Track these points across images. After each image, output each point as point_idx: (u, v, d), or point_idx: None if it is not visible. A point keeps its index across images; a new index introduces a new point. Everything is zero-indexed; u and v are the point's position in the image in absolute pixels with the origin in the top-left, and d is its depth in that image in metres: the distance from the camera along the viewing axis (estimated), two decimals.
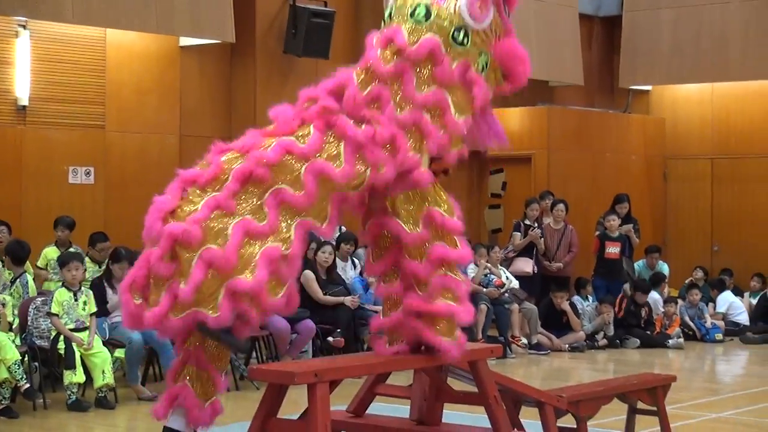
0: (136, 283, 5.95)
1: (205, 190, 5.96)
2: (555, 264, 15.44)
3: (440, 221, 6.46)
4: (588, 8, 19.13)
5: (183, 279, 5.81)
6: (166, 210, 5.93)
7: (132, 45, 13.83)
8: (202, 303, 5.82)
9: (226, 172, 5.96)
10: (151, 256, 5.88)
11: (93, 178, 13.56)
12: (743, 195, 18.52)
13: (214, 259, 5.79)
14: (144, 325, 5.96)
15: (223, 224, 5.87)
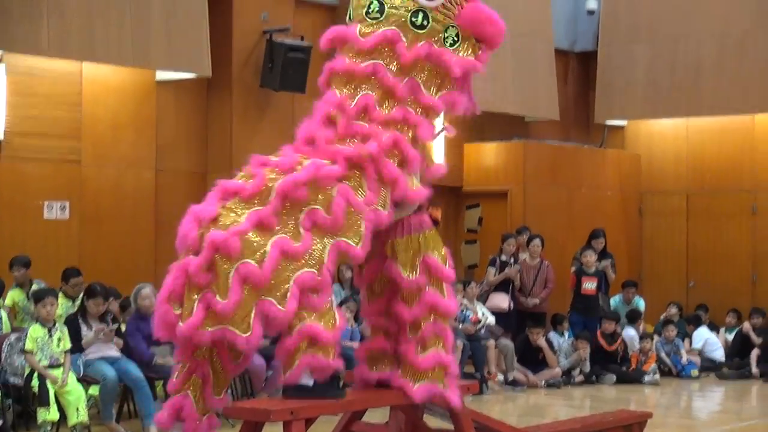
0: (174, 293, 5.94)
1: (249, 202, 5.99)
2: (531, 300, 15.42)
3: (435, 268, 6.52)
4: (563, 43, 19.21)
5: (219, 292, 5.82)
6: (204, 218, 5.95)
7: (108, 79, 13.79)
8: (234, 321, 5.82)
9: (269, 188, 6.00)
10: (189, 264, 5.87)
11: (68, 213, 13.49)
12: (718, 230, 18.57)
13: (250, 275, 5.82)
14: (176, 335, 5.92)
15: (262, 240, 5.90)
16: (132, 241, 13.92)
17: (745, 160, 18.47)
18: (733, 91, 17.90)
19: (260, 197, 6.04)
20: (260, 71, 14.62)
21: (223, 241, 5.85)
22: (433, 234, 6.67)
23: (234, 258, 5.84)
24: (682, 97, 18.42)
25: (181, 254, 6.01)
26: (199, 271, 5.85)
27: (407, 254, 6.54)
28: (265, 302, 5.87)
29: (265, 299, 5.87)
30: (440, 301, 6.55)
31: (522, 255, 15.59)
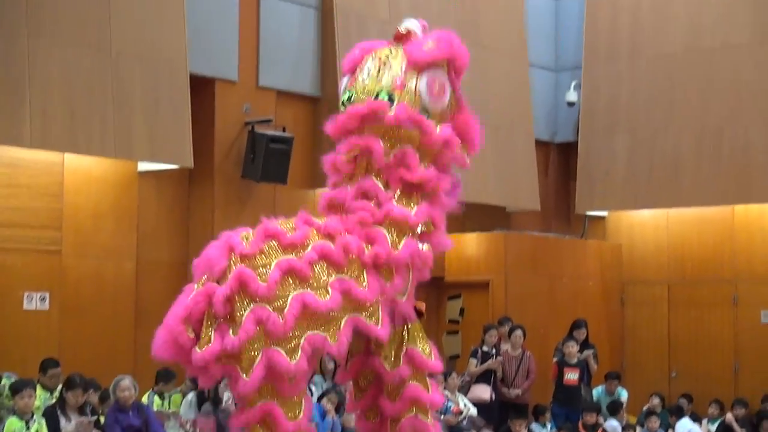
0: (191, 317, 5.91)
1: (285, 251, 5.99)
2: (513, 391, 15.33)
3: (419, 361, 6.50)
4: (544, 134, 19.33)
5: (233, 326, 5.78)
6: (237, 251, 5.94)
7: (90, 169, 13.79)
8: (241, 361, 5.79)
9: (306, 245, 6.02)
10: (213, 292, 5.84)
11: (48, 304, 13.41)
12: (700, 320, 18.57)
13: (266, 320, 5.80)
14: (191, 361, 5.85)
15: (286, 289, 5.89)
16: (112, 331, 13.82)
17: (726, 250, 18.52)
18: (712, 182, 18.00)
19: (297, 249, 6.07)
20: (242, 162, 14.65)
21: (251, 280, 5.86)
22: (417, 327, 6.67)
23: (254, 299, 5.85)
24: (662, 188, 18.50)
25: (200, 278, 5.99)
26: (223, 301, 5.84)
27: (391, 347, 6.52)
28: (274, 352, 5.85)
29: (274, 348, 5.86)
30: (422, 395, 6.52)
31: (504, 346, 15.52)
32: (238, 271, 5.93)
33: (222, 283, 5.95)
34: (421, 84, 6.62)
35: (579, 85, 19.25)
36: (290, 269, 6.02)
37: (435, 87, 6.64)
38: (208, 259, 6.05)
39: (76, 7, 12.79)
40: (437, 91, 6.66)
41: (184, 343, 5.90)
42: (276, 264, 6.00)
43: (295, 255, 6.09)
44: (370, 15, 15.98)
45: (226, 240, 6.10)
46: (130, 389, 11.27)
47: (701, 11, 18.26)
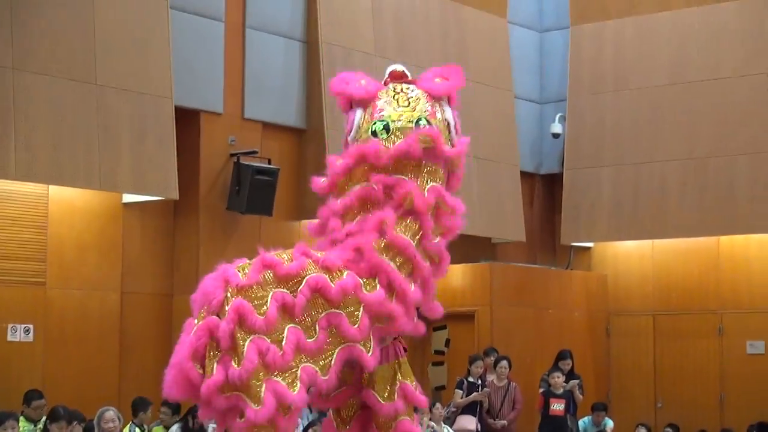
0: (198, 353, 5.92)
1: (281, 282, 6.03)
2: (499, 421, 15.31)
3: (411, 395, 6.56)
4: (529, 166, 19.38)
5: (235, 357, 5.80)
6: (233, 283, 5.96)
7: (74, 201, 13.79)
8: (246, 390, 5.80)
9: (302, 277, 6.06)
10: (214, 325, 5.86)
11: (32, 336, 13.38)
12: (685, 351, 18.58)
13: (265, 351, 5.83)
14: (199, 395, 5.86)
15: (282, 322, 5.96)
16: (96, 363, 13.79)
17: (711, 281, 18.55)
18: (697, 213, 18.05)
19: (291, 281, 6.11)
20: (227, 194, 14.65)
21: (248, 313, 5.89)
22: (405, 361, 6.76)
23: (252, 332, 5.88)
24: (647, 219, 18.55)
25: (200, 312, 6.01)
26: (225, 336, 5.86)
27: (385, 382, 6.59)
28: (275, 382, 5.89)
29: (275, 379, 5.89)
30: (413, 430, 6.59)
31: (489, 376, 15.50)
32: (236, 304, 5.97)
33: (221, 316, 5.98)
34: (447, 113, 6.92)
35: (564, 117, 19.33)
36: (284, 304, 6.07)
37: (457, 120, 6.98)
38: (205, 292, 6.07)
39: (61, 39, 12.83)
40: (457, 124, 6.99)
41: (194, 379, 5.92)
42: (272, 297, 6.05)
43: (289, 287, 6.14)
44: (356, 47, 16.05)
45: (222, 272, 6.13)
46: (115, 421, 11.24)
47: (686, 43, 18.37)
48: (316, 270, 6.25)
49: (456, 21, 17.72)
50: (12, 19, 12.39)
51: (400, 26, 16.78)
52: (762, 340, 18.05)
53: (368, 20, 16.34)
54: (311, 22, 15.77)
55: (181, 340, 6.07)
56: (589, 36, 19.25)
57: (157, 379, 14.34)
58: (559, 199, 19.40)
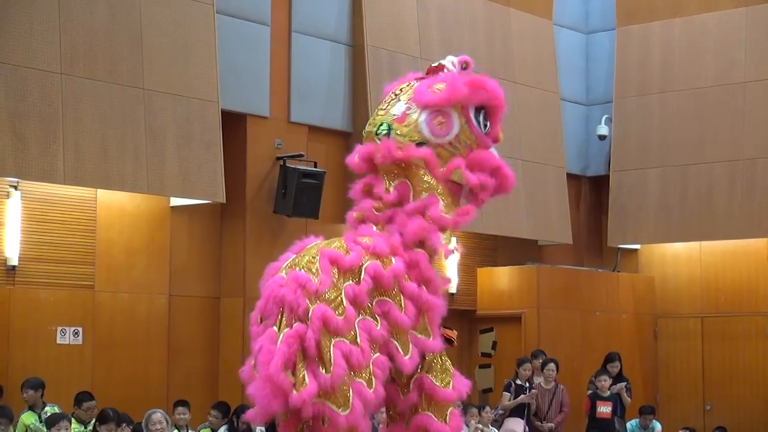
0: (290, 362, 5.91)
1: (345, 276, 6.06)
2: (547, 424, 15.27)
3: (429, 390, 6.49)
4: (575, 168, 19.32)
5: (322, 364, 5.82)
6: (311, 289, 5.98)
7: (122, 205, 13.88)
8: (334, 399, 5.82)
9: (361, 267, 6.11)
10: (303, 333, 5.87)
11: (81, 339, 13.48)
12: (734, 353, 18.47)
13: (348, 354, 5.85)
14: (288, 405, 5.86)
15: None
16: (144, 367, 13.88)
17: (759, 282, 18.43)
18: (745, 214, 17.94)
19: (353, 273, 6.14)
20: (274, 197, 14.70)
21: (331, 318, 5.92)
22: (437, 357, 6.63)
23: (335, 335, 5.90)
24: (695, 221, 18.45)
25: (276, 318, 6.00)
26: (312, 344, 5.87)
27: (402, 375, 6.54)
28: (358, 384, 5.91)
29: (358, 381, 5.91)
30: (432, 424, 6.52)
31: (537, 379, 15.47)
32: (320, 311, 5.97)
33: (306, 323, 5.98)
34: (422, 117, 6.73)
35: (610, 118, 19.25)
36: (354, 298, 6.10)
37: (434, 122, 6.77)
38: (281, 298, 6.04)
39: (108, 43, 12.91)
40: (437, 125, 6.78)
41: (287, 389, 5.90)
42: (345, 295, 6.07)
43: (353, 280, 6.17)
44: (401, 51, 16.06)
45: (294, 278, 6.10)
46: (162, 422, 11.29)
47: (732, 45, 18.25)
48: (370, 258, 6.27)
49: (501, 23, 17.70)
50: (60, 25, 12.49)
51: (445, 29, 16.77)
52: None
53: (413, 23, 16.35)
54: (357, 26, 15.80)
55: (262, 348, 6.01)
56: (635, 37, 19.17)
57: (204, 381, 14.57)
58: (605, 201, 19.33)
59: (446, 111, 6.78)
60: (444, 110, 6.78)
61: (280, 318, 6.05)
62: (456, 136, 6.81)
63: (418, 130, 6.75)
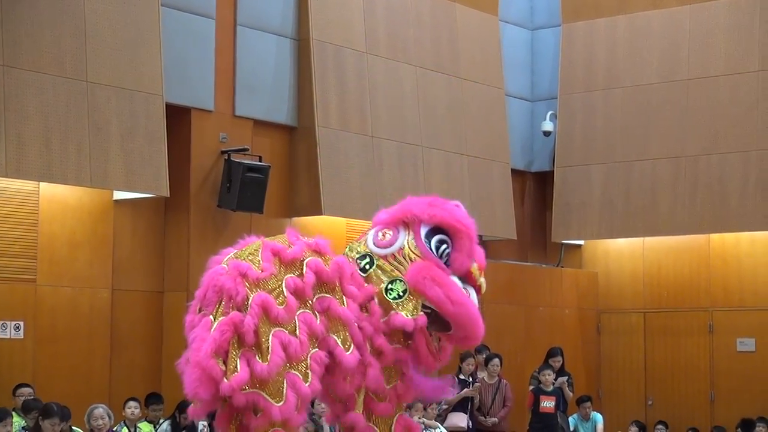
0: (221, 349, 5.89)
1: (287, 268, 6.06)
2: (490, 419, 15.32)
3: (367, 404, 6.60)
4: (520, 164, 19.40)
5: (259, 353, 5.80)
6: (251, 277, 5.95)
7: (65, 198, 13.77)
8: (269, 389, 5.80)
9: (302, 261, 6.11)
10: (238, 321, 5.84)
11: (23, 333, 13.36)
12: (676, 348, 18.63)
13: (287, 344, 5.83)
14: (219, 392, 5.82)
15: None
16: (87, 361, 13.78)
17: (701, 278, 18.60)
18: (688, 211, 18.09)
19: (295, 266, 6.14)
20: (218, 191, 14.65)
21: (271, 306, 5.89)
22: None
23: (274, 324, 5.89)
24: (638, 218, 18.58)
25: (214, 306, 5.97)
26: (250, 331, 5.85)
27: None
28: (294, 376, 5.90)
29: (292, 372, 5.90)
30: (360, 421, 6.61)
31: (480, 374, 15.52)
32: (260, 299, 5.96)
33: (243, 311, 5.95)
34: (370, 233, 7.00)
35: (555, 114, 19.35)
36: (295, 290, 6.09)
37: (379, 235, 6.91)
38: (221, 287, 6.03)
39: (52, 36, 12.81)
40: (380, 239, 6.88)
41: (217, 376, 5.88)
42: (285, 286, 6.06)
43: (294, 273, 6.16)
44: (347, 45, 16.06)
45: (235, 266, 6.09)
46: (105, 418, 11.26)
47: (677, 41, 18.39)
48: (312, 254, 6.28)
49: (447, 19, 17.73)
50: (2, 16, 12.37)
51: (391, 24, 16.78)
52: (752, 338, 18.10)
53: (360, 18, 16.34)
54: (303, 20, 15.77)
55: (196, 336, 6.00)
56: (580, 34, 19.27)
57: (147, 376, 14.46)
58: (550, 197, 19.43)
59: (394, 227, 6.88)
60: (391, 226, 6.92)
61: (218, 306, 6.04)
62: (399, 250, 6.78)
63: (365, 243, 6.95)
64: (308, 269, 6.21)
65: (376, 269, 6.73)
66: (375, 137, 16.24)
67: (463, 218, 6.94)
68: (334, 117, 15.79)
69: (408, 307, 6.68)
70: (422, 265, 6.73)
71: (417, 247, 6.84)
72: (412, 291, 6.66)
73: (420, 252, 6.83)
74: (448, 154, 17.30)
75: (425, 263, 6.77)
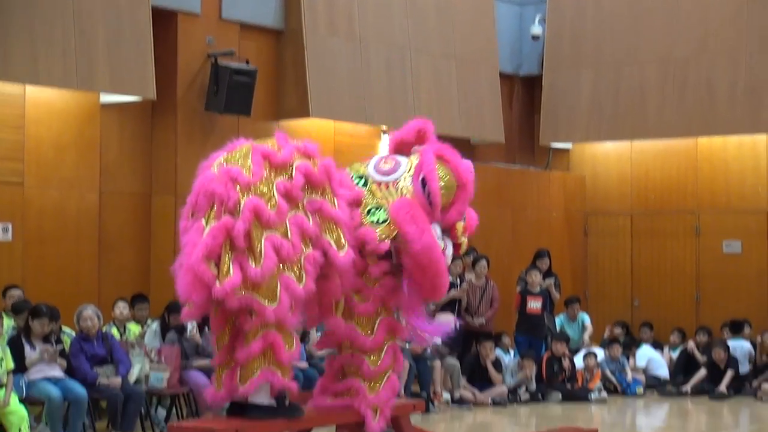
0: (213, 253, 5.94)
1: (277, 172, 6.08)
2: (477, 319, 15.47)
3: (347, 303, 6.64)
4: (508, 67, 19.34)
5: (252, 257, 5.84)
6: (243, 182, 5.98)
7: (51, 101, 13.72)
8: (261, 291, 5.85)
9: (292, 162, 6.13)
10: (230, 225, 5.88)
11: (11, 235, 13.39)
12: (662, 250, 18.74)
13: (279, 247, 5.88)
14: (212, 294, 5.88)
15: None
16: (75, 262, 13.83)
17: (689, 181, 18.66)
18: (676, 114, 18.10)
19: (285, 169, 6.15)
20: (205, 94, 14.61)
21: (262, 210, 5.92)
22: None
23: (267, 228, 5.92)
24: (626, 121, 18.59)
25: (206, 211, 5.99)
26: (241, 235, 5.87)
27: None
28: (287, 278, 5.94)
29: (285, 274, 5.94)
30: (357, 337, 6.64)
31: (468, 275, 15.64)
32: (251, 203, 5.96)
33: (235, 215, 5.96)
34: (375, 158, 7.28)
35: (544, 18, 19.25)
36: (286, 193, 6.09)
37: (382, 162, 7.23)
38: (212, 192, 6.03)
39: None
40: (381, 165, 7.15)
41: (209, 280, 5.91)
42: (276, 190, 6.07)
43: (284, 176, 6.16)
44: None
45: (225, 171, 6.09)
46: (93, 319, 11.34)
47: None
48: (301, 157, 6.28)
49: None
50: None
51: None
52: (738, 240, 18.21)
53: None
54: None
55: (188, 241, 6.02)
56: None
57: (135, 277, 14.51)
58: (538, 100, 19.41)
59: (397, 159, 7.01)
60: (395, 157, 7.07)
61: (210, 212, 6.05)
62: (395, 182, 6.81)
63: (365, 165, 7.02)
64: (297, 172, 6.21)
65: (367, 192, 6.76)
66: (363, 41, 16.16)
67: (470, 175, 7.01)
68: (322, 20, 15.70)
69: (381, 232, 6.71)
70: (408, 202, 6.76)
71: (411, 184, 6.89)
72: (391, 221, 6.67)
73: (412, 190, 6.88)
74: (436, 58, 17.24)
75: (412, 201, 6.80)
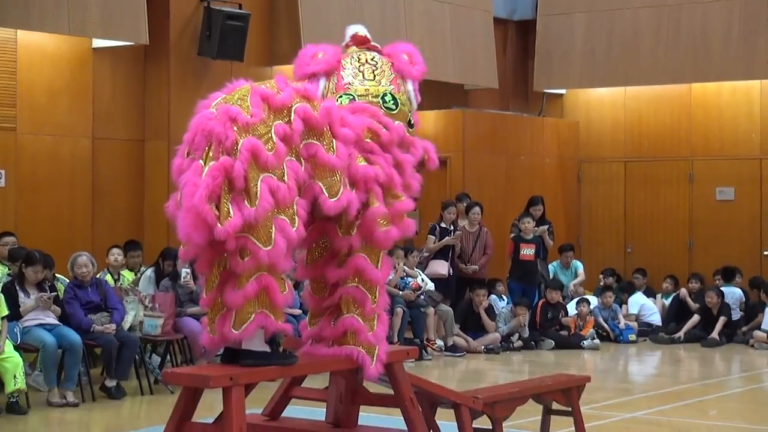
0: (214, 194, 5.88)
1: (276, 114, 6.03)
2: (470, 266, 15.49)
3: (369, 229, 6.50)
4: (502, 12, 19.24)
5: (248, 198, 5.82)
6: (241, 122, 5.93)
7: (43, 46, 13.64)
8: (257, 233, 5.83)
9: (290, 107, 6.07)
10: (229, 166, 5.84)
11: (4, 181, 13.36)
12: (655, 197, 18.75)
13: (276, 189, 5.85)
14: (214, 236, 5.86)
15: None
16: (69, 209, 13.81)
17: (682, 128, 18.65)
18: (670, 60, 18.05)
19: (284, 112, 6.09)
20: (198, 39, 14.53)
21: (260, 151, 5.88)
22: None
23: (264, 169, 5.88)
24: (620, 67, 18.54)
25: (203, 151, 5.95)
26: (240, 176, 5.85)
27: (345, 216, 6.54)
28: (282, 221, 5.91)
29: (280, 217, 5.92)
30: (367, 267, 6.55)
31: (461, 222, 15.64)
32: (249, 144, 5.90)
33: (233, 155, 5.92)
34: (409, 87, 6.95)
35: None
36: (284, 136, 6.05)
37: (418, 96, 7.00)
38: (210, 131, 5.97)
39: None
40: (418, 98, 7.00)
41: (212, 221, 5.86)
42: (275, 132, 6.02)
43: (282, 118, 6.11)
44: None
45: (224, 110, 6.03)
46: (88, 266, 11.32)
47: None
48: (301, 100, 6.23)
49: None
50: None
51: None
52: (731, 187, 18.22)
53: None
54: None
55: (188, 181, 5.96)
56: None
57: (129, 223, 14.50)
58: (532, 45, 19.34)
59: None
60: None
61: (207, 151, 6.00)
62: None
63: (408, 99, 6.90)
64: (296, 116, 6.16)
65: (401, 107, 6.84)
66: None
67: None
68: None
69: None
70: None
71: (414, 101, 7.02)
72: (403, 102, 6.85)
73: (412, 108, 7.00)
74: (429, 3, 17.14)
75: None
